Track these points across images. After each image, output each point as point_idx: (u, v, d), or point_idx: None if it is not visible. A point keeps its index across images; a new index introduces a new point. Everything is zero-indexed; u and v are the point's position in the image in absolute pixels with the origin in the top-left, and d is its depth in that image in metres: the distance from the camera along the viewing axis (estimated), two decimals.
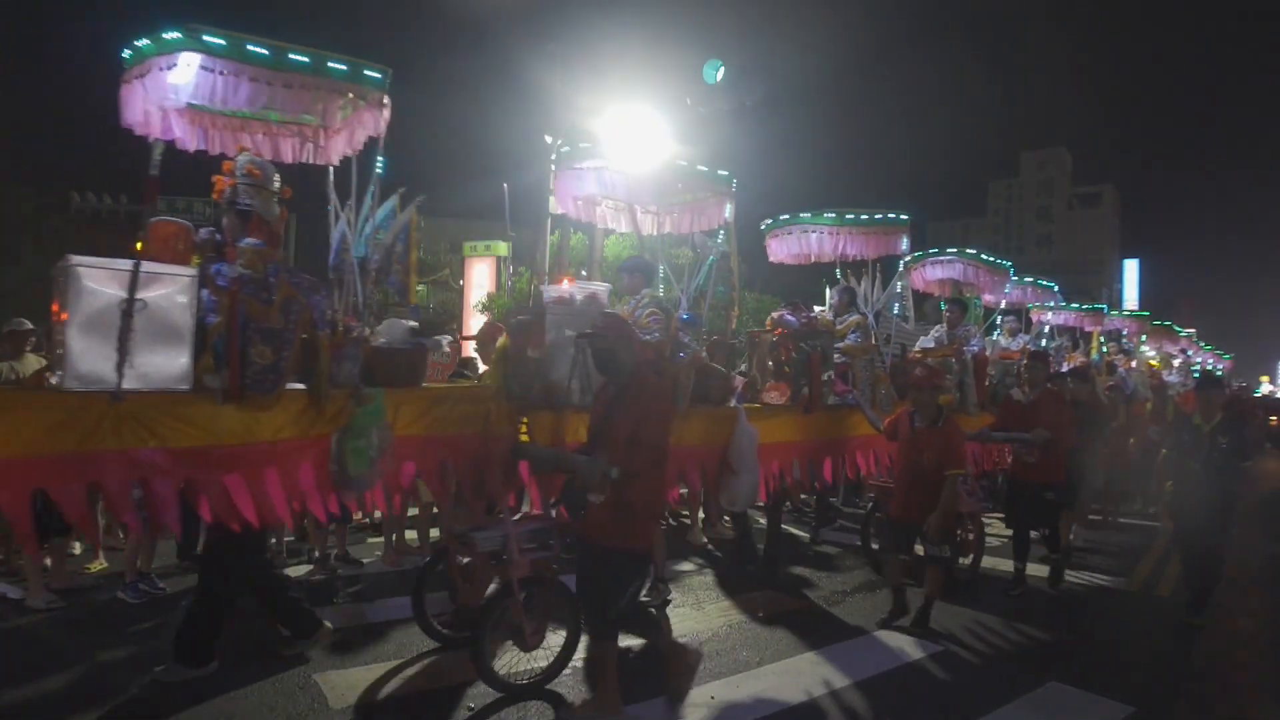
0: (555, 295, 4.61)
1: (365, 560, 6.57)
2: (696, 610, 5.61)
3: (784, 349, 5.62)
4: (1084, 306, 13.43)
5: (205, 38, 3.41)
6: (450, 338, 5.10)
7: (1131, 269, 74.19)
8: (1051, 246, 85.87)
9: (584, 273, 12.34)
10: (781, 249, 6.70)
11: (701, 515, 7.80)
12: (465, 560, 4.50)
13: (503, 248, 19.29)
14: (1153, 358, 16.17)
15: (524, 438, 4.32)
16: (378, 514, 7.12)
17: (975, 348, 7.70)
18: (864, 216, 6.41)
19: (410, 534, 6.93)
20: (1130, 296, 67.08)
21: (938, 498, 5.03)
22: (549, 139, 10.86)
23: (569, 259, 13.88)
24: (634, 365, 3.74)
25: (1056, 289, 11.38)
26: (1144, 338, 16.13)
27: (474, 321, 16.00)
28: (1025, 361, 6.92)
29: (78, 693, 3.91)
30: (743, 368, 5.83)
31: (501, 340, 4.60)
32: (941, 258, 7.89)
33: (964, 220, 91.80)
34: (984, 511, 6.92)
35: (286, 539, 6.60)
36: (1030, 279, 10.74)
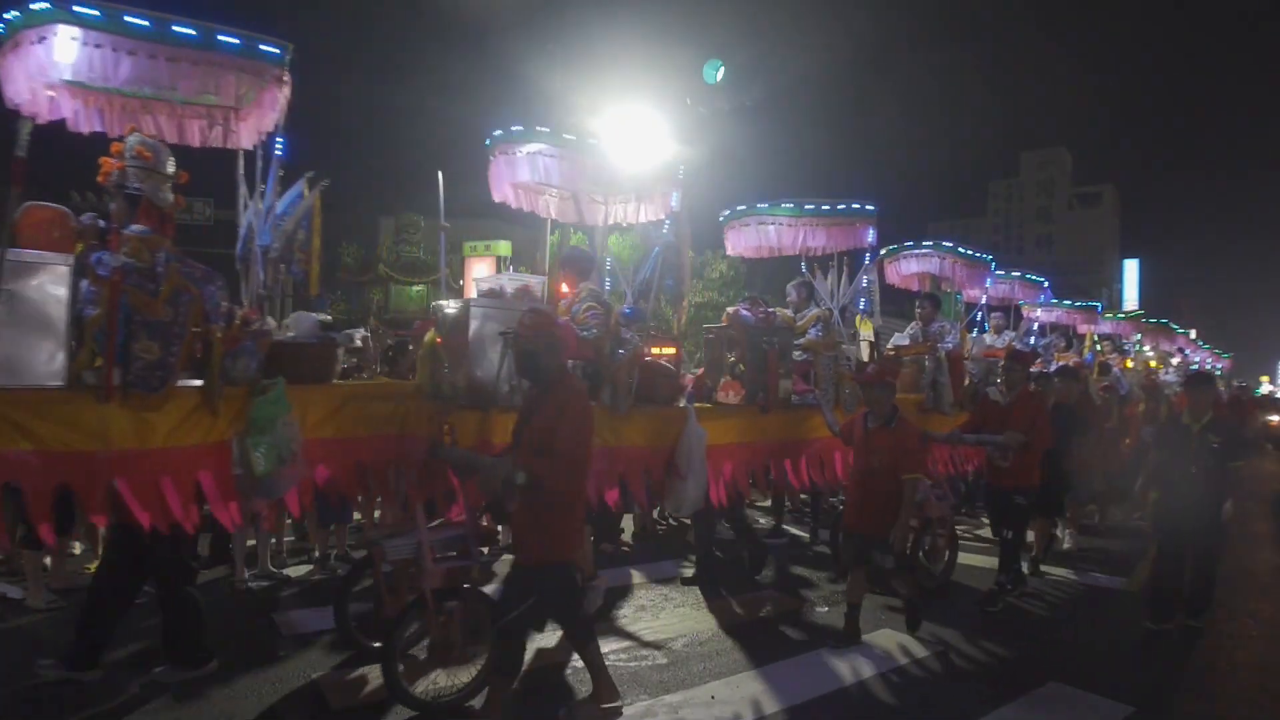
0: (485, 287, 4.35)
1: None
2: (696, 610, 5.54)
3: (739, 346, 5.33)
4: (1076, 304, 13.12)
5: (76, 8, 3.17)
6: (364, 331, 4.80)
7: (1131, 269, 73.94)
8: (1051, 246, 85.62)
9: None
10: (740, 241, 6.41)
11: None
12: (388, 568, 4.23)
13: (503, 247, 19.01)
14: (1151, 357, 15.86)
15: (446, 439, 4.05)
16: (377, 514, 6.96)
17: (950, 344, 7.40)
18: (825, 207, 6.11)
19: None
20: (1130, 296, 66.79)
21: (891, 505, 4.71)
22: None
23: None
24: (558, 368, 3.47)
25: (1046, 284, 11.02)
26: (1138, 337, 15.81)
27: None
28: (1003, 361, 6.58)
29: (77, 692, 3.82)
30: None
31: (429, 335, 4.34)
32: (917, 250, 7.58)
33: (964, 220, 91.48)
34: (954, 514, 6.60)
35: (287, 539, 6.57)
36: (1017, 274, 10.44)
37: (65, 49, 3.20)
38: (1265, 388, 36.62)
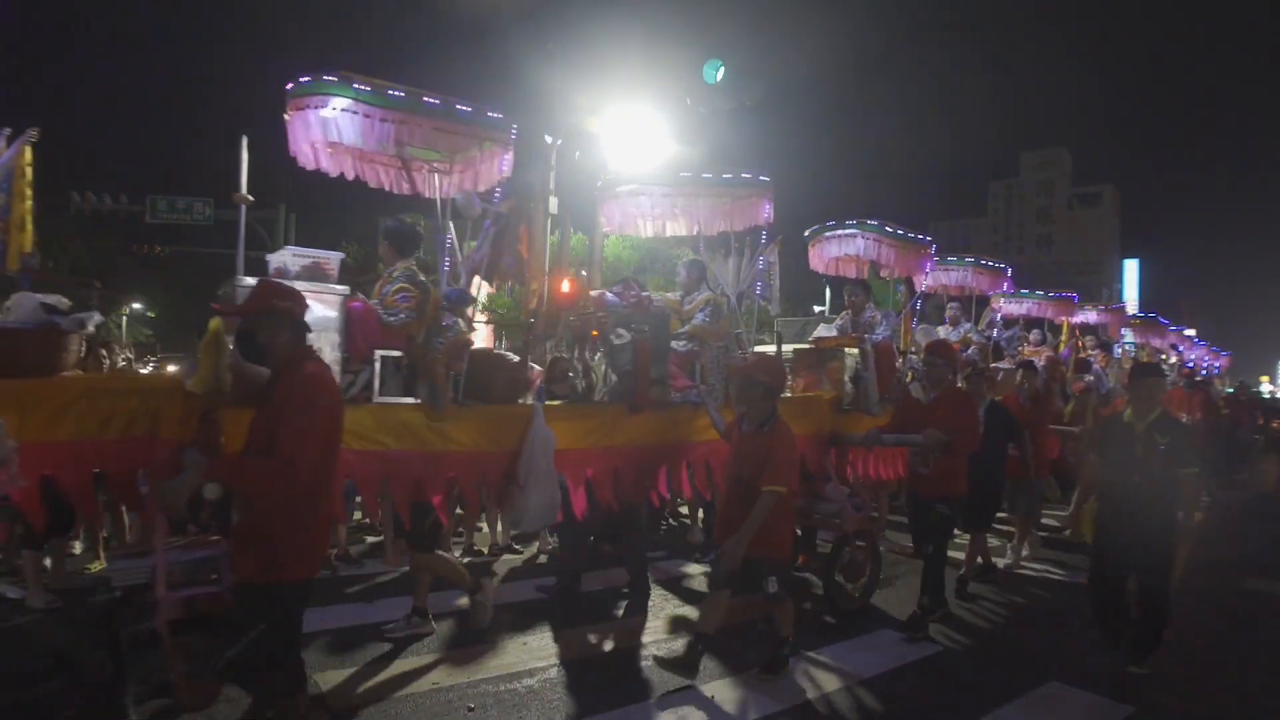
0: (275, 266, 3.75)
1: (365, 560, 6.53)
2: (696, 610, 5.31)
3: (600, 335, 4.70)
4: (1049, 295, 12.32)
5: None
6: (99, 316, 4.13)
7: (1131, 269, 73.26)
8: (1051, 247, 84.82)
9: (583, 272, 11.54)
10: (613, 216, 5.75)
11: (701, 515, 7.41)
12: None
13: None
14: (1144, 355, 15.14)
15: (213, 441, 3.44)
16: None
17: (879, 336, 6.73)
18: (706, 176, 5.44)
19: None
20: (1130, 296, 65.96)
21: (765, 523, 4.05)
22: (549, 139, 10.18)
23: (569, 259, 13.03)
24: (287, 351, 2.84)
25: (1006, 270, 10.10)
26: (1125, 333, 15.04)
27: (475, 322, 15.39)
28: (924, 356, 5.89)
29: (78, 693, 3.71)
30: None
31: (214, 323, 3.73)
32: (839, 231, 6.89)
33: (964, 220, 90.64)
34: (875, 528, 5.93)
35: None
36: (971, 259, 9.60)
37: None
38: (1265, 387, 35.76)
